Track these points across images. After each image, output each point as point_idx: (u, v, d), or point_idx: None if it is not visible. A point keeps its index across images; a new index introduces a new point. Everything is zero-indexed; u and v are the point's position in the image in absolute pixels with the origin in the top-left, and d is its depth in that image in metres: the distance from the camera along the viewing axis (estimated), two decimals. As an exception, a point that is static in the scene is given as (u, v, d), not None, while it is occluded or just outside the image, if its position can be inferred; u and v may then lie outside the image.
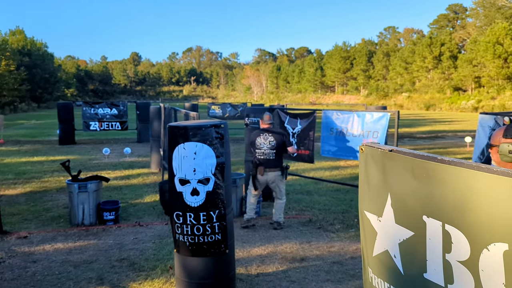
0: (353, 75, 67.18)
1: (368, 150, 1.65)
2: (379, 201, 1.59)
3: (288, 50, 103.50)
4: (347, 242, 5.59)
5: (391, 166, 1.50)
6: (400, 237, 1.47)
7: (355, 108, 33.49)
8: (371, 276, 1.70)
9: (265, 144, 6.05)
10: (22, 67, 51.09)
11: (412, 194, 1.40)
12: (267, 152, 6.04)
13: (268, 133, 6.10)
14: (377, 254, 1.64)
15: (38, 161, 12.70)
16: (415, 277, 1.42)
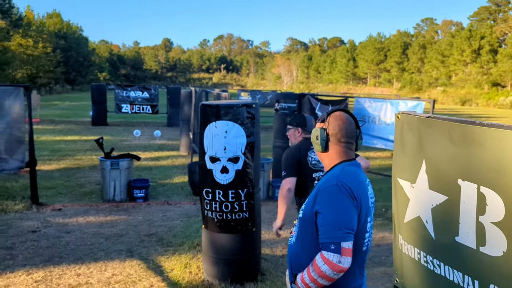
0: (386, 67, 65.86)
1: (404, 118, 1.65)
2: (413, 168, 1.59)
3: (320, 40, 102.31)
4: (374, 230, 5.52)
5: (427, 132, 1.50)
6: (433, 202, 1.47)
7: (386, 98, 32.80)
8: (401, 243, 1.70)
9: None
10: (58, 49, 52.47)
11: (448, 158, 1.40)
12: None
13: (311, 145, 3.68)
14: (409, 220, 1.64)
15: (71, 140, 13.10)
16: (446, 241, 1.43)
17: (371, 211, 1.82)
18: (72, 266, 4.19)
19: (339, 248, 1.60)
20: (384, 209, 6.41)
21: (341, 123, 1.82)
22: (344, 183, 1.69)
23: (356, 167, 1.82)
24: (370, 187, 1.88)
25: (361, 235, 1.73)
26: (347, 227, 1.63)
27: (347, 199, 1.67)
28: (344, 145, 1.82)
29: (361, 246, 1.74)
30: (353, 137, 1.85)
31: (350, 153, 1.84)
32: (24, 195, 6.60)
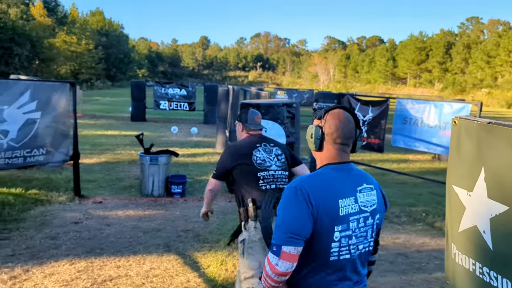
0: (427, 67, 64.00)
1: (462, 123, 1.57)
2: (470, 175, 1.51)
3: (359, 39, 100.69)
4: (413, 236, 5.39)
5: (488, 139, 1.42)
6: (492, 212, 1.39)
7: (427, 99, 31.89)
8: (455, 253, 1.63)
9: (272, 161, 3.04)
10: (100, 46, 54.11)
11: (510, 167, 1.31)
12: (278, 175, 3.01)
13: (270, 143, 3.15)
14: (464, 229, 1.57)
15: (112, 134, 13.47)
16: (505, 252, 1.34)
17: (351, 220, 1.67)
18: (112, 258, 4.29)
19: (279, 251, 1.58)
20: (425, 214, 6.22)
21: (338, 122, 1.71)
22: (303, 187, 1.62)
23: (340, 171, 1.71)
24: (367, 193, 1.73)
25: (325, 243, 1.63)
26: (291, 231, 1.58)
27: (301, 204, 1.59)
28: (338, 146, 1.72)
29: (328, 255, 1.65)
30: (350, 138, 1.74)
31: (343, 155, 1.73)
32: (67, 187, 6.83)
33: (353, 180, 1.72)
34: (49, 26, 45.60)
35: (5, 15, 37.09)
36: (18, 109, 5.51)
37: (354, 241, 1.68)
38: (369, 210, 1.72)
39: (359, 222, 1.69)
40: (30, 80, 6.73)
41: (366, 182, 1.75)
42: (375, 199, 1.75)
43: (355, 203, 1.67)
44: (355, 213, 1.67)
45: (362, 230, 1.70)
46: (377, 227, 1.81)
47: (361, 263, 1.76)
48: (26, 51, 36.54)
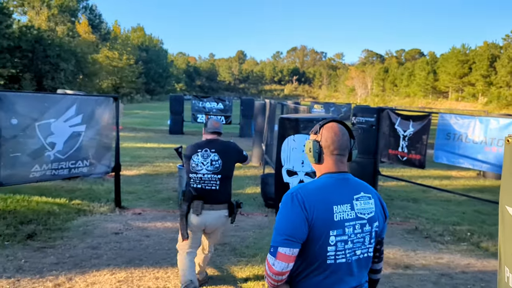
0: (470, 81, 61.90)
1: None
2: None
3: (397, 52, 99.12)
4: (458, 256, 5.17)
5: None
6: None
7: (473, 114, 30.87)
8: (508, 276, 1.54)
9: (204, 165, 3.71)
10: (140, 61, 55.89)
11: None
12: (207, 178, 3.71)
13: (211, 148, 3.76)
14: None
15: (151, 147, 13.78)
16: None
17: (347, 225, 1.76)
18: (151, 269, 4.35)
19: (275, 252, 1.71)
20: (469, 234, 5.96)
21: (333, 135, 1.84)
22: (299, 193, 1.75)
23: (337, 180, 1.82)
24: (364, 201, 1.83)
25: (322, 247, 1.73)
26: (287, 234, 1.69)
27: (296, 208, 1.71)
28: (335, 158, 1.84)
29: (325, 259, 1.74)
30: (346, 149, 1.87)
31: (340, 166, 1.86)
32: (108, 198, 7.01)
33: (350, 189, 1.82)
34: (93, 42, 47.60)
35: (53, 33, 39.02)
36: (64, 122, 5.73)
37: (350, 246, 1.77)
38: (366, 217, 1.81)
39: (355, 228, 1.77)
40: (76, 95, 7.01)
41: (363, 191, 1.85)
42: (373, 207, 1.84)
43: (351, 210, 1.77)
44: (351, 219, 1.77)
45: (359, 236, 1.79)
46: (377, 235, 1.88)
47: (359, 268, 1.82)
48: (71, 66, 38.19)
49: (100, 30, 55.24)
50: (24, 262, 4.37)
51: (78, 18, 50.50)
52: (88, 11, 55.03)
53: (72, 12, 48.91)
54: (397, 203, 7.70)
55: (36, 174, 5.47)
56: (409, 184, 8.66)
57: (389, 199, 8.01)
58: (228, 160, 3.79)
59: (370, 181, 7.41)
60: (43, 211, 6.05)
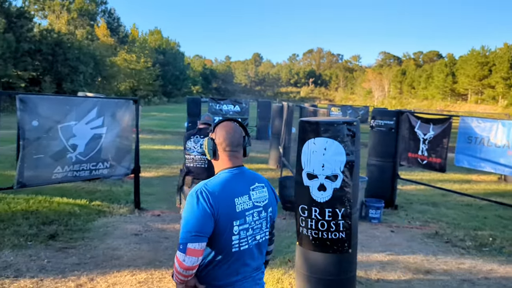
0: (490, 83, 60.73)
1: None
2: None
3: (415, 54, 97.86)
4: (480, 262, 5.08)
5: None
6: None
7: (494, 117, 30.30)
8: None
9: (196, 148, 4.86)
10: (157, 64, 56.37)
11: None
12: (197, 158, 4.83)
13: (201, 135, 4.89)
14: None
15: (168, 149, 13.90)
16: None
17: (247, 214, 1.94)
18: (170, 271, 4.38)
19: (185, 248, 1.81)
20: (491, 239, 5.85)
21: (225, 133, 2.00)
22: (203, 191, 1.87)
23: (235, 174, 1.98)
24: (259, 190, 2.02)
25: (227, 237, 1.88)
26: (195, 230, 1.81)
27: (202, 205, 1.83)
28: (229, 153, 2.00)
29: (230, 248, 1.89)
30: (238, 145, 2.02)
31: (235, 160, 2.01)
32: (128, 199, 7.09)
33: (246, 181, 2.01)
34: (111, 45, 48.27)
35: (73, 36, 39.70)
36: (86, 125, 5.83)
37: (251, 232, 1.96)
38: (262, 205, 2.02)
39: (253, 216, 1.97)
40: (97, 98, 7.12)
41: (257, 182, 2.05)
42: (266, 195, 2.05)
43: (249, 200, 1.96)
44: (250, 208, 1.96)
45: (257, 222, 1.99)
46: (271, 220, 2.11)
47: (259, 251, 2.03)
48: (90, 69, 38.78)
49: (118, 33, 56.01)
50: (47, 262, 4.45)
51: (97, 22, 51.31)
52: (107, 15, 55.89)
53: (91, 15, 49.75)
54: (416, 207, 7.61)
55: (58, 175, 5.57)
56: (429, 188, 8.55)
57: (408, 203, 7.92)
58: None
59: (389, 185, 7.34)
60: (64, 212, 6.15)
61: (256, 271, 2.03)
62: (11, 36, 30.07)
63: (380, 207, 6.61)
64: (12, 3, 32.87)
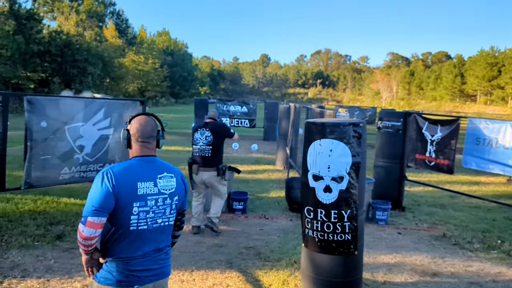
0: (500, 84, 60.09)
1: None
2: None
3: (424, 55, 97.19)
4: (488, 264, 5.02)
5: None
6: None
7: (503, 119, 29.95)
8: None
9: (201, 139, 5.54)
10: (165, 65, 56.55)
11: None
12: (203, 148, 5.52)
13: (206, 127, 5.59)
14: None
15: (175, 150, 13.93)
16: None
17: (149, 199, 2.14)
18: (176, 272, 4.39)
19: (85, 221, 2.03)
20: (500, 241, 5.79)
21: (138, 125, 2.22)
22: (109, 172, 2.10)
23: (143, 162, 2.20)
24: (167, 179, 2.22)
25: (126, 216, 2.09)
26: (96, 205, 2.03)
27: (105, 184, 2.05)
28: (141, 144, 2.22)
29: (128, 226, 2.10)
30: (151, 137, 2.24)
31: (147, 151, 2.23)
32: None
33: (154, 169, 2.21)
34: (120, 46, 48.51)
35: (81, 38, 39.98)
36: (93, 126, 5.85)
37: (152, 215, 2.15)
38: (168, 192, 2.22)
39: (157, 201, 2.17)
40: (105, 99, 7.15)
41: (166, 171, 2.25)
42: (174, 185, 2.25)
43: (154, 186, 2.17)
44: (153, 194, 2.16)
45: (160, 207, 2.18)
46: (178, 208, 2.32)
47: (161, 234, 2.22)
48: (98, 70, 39.01)
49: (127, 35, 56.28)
50: (54, 262, 4.47)
51: (106, 23, 51.61)
52: (115, 16, 56.19)
53: (100, 17, 50.04)
54: (424, 209, 7.55)
55: (66, 176, 5.60)
56: (436, 189, 8.48)
57: (415, 205, 7.86)
58: (218, 136, 5.58)
59: (396, 186, 7.29)
60: (72, 213, 6.19)
61: (157, 251, 2.23)
62: (20, 38, 30.36)
63: (387, 208, 6.56)
64: (21, 5, 33.19)
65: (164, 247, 2.28)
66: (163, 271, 2.27)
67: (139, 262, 2.16)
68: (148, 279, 2.19)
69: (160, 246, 2.24)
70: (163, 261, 2.26)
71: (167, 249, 2.31)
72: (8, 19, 30.24)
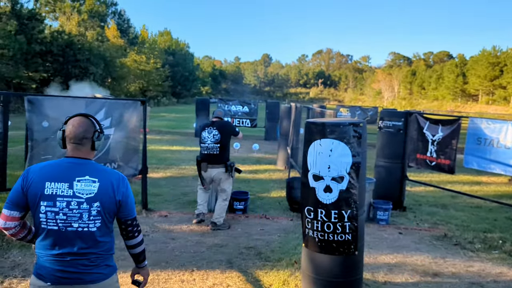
0: (502, 84, 59.97)
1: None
2: None
3: (425, 54, 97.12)
4: (489, 264, 5.01)
5: None
6: None
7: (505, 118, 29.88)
8: None
9: (209, 137, 5.83)
10: (167, 65, 56.57)
11: None
12: (211, 146, 5.83)
13: (213, 126, 5.90)
14: None
15: (176, 150, 13.93)
16: None
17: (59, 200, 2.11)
18: (176, 272, 4.39)
19: (1, 211, 2.16)
20: (501, 241, 5.77)
21: (71, 127, 2.20)
22: (30, 169, 2.16)
23: (67, 163, 2.18)
24: (86, 183, 2.14)
25: (36, 213, 2.12)
26: (9, 199, 2.13)
27: (20, 181, 2.14)
28: (72, 145, 2.20)
29: (39, 223, 2.12)
30: (83, 139, 2.20)
31: (77, 152, 2.20)
32: (135, 200, 7.09)
33: (75, 171, 2.16)
34: (121, 46, 48.57)
35: (83, 37, 40.03)
36: (94, 126, 5.86)
37: (63, 217, 2.10)
38: (85, 197, 2.13)
39: (70, 204, 2.11)
40: (105, 99, 7.15)
41: (90, 175, 2.16)
42: (95, 190, 2.14)
43: (69, 188, 2.12)
44: (66, 196, 2.11)
45: (75, 211, 2.11)
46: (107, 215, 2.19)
47: (81, 240, 2.14)
48: (100, 70, 39.08)
49: (128, 35, 56.34)
50: (55, 262, 4.47)
51: (107, 23, 51.67)
52: (117, 16, 56.26)
53: (102, 17, 50.10)
54: (425, 209, 7.54)
55: (67, 176, 5.60)
56: (438, 189, 8.47)
57: (416, 205, 7.85)
58: (225, 134, 5.86)
59: (397, 186, 7.28)
60: (73, 212, 6.19)
61: (74, 255, 2.16)
62: (22, 38, 30.41)
63: (388, 208, 6.55)
64: (23, 5, 33.24)
65: (86, 254, 2.18)
66: (83, 277, 2.18)
67: (54, 261, 2.14)
68: (64, 280, 2.15)
69: (78, 251, 2.16)
70: (84, 267, 2.18)
71: (91, 256, 2.19)
72: (10, 19, 30.29)
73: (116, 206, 2.23)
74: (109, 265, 2.28)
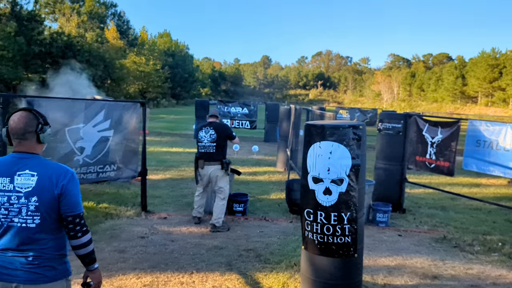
0: (501, 86, 59.98)
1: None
2: None
3: (425, 56, 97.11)
4: (489, 267, 5.01)
5: None
6: None
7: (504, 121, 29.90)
8: None
9: (206, 137, 6.04)
10: (166, 66, 56.57)
11: None
12: (207, 145, 6.03)
13: (210, 126, 6.11)
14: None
15: (176, 151, 13.93)
16: None
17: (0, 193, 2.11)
18: (176, 274, 4.38)
19: None
20: (501, 244, 5.77)
21: (12, 122, 2.17)
22: None
23: (12, 158, 2.18)
24: (25, 177, 2.12)
25: None
26: None
27: None
28: (16, 141, 2.18)
29: None
30: (25, 133, 2.16)
31: (21, 147, 2.18)
32: (135, 202, 7.12)
33: (18, 165, 2.14)
34: (121, 48, 48.55)
35: (83, 39, 40.02)
36: (93, 128, 5.86)
37: (5, 212, 2.10)
38: (23, 191, 2.11)
39: (11, 199, 2.10)
40: (105, 100, 7.16)
41: (30, 169, 2.14)
42: (33, 184, 2.11)
43: (10, 183, 2.12)
44: (7, 190, 2.11)
45: (15, 206, 2.10)
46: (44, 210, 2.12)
47: (20, 236, 2.10)
48: (99, 71, 39.06)
49: (128, 36, 56.31)
50: (54, 264, 4.46)
51: (107, 25, 51.65)
52: (117, 18, 56.23)
53: (101, 18, 50.10)
54: (424, 211, 7.54)
55: (66, 177, 5.60)
56: (437, 191, 8.47)
57: (416, 207, 7.85)
58: (221, 134, 6.06)
59: (396, 188, 7.28)
60: (72, 214, 6.18)
61: (17, 252, 2.11)
62: (22, 39, 30.41)
63: (388, 211, 6.56)
64: (23, 6, 33.25)
65: (25, 250, 2.11)
66: (21, 276, 2.10)
67: None
68: (5, 277, 2.09)
69: (18, 247, 2.11)
70: (22, 265, 2.10)
71: (29, 253, 2.11)
72: (9, 21, 30.29)
73: (56, 201, 2.14)
74: (54, 268, 2.16)
